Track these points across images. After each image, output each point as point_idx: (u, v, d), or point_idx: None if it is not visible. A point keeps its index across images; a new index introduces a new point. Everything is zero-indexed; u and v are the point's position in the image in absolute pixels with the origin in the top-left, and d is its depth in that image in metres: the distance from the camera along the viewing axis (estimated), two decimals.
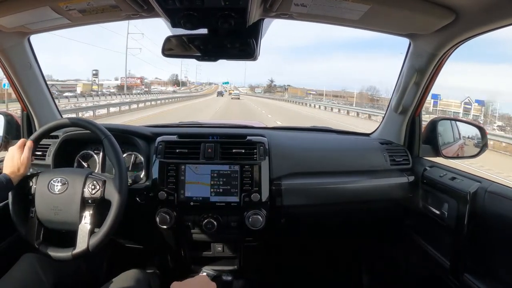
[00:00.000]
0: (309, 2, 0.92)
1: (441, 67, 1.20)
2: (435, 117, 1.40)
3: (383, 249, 1.61)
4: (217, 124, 1.74)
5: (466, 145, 1.38)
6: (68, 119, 1.08)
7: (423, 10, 0.92)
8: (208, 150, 1.22)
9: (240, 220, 1.18)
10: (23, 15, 0.99)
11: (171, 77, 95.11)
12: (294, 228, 1.39)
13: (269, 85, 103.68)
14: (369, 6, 0.91)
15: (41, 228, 1.00)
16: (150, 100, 23.48)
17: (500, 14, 0.84)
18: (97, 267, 1.41)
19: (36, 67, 1.31)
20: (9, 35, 1.12)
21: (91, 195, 0.98)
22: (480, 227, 0.98)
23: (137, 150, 1.28)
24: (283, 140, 1.35)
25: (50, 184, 0.99)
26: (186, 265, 1.34)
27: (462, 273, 1.01)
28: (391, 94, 1.41)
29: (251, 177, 1.19)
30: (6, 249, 1.11)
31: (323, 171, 1.30)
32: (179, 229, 1.23)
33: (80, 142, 1.30)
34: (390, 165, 1.32)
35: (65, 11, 0.98)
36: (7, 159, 1.00)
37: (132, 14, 1.02)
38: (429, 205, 1.22)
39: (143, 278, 1.08)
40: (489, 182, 1.01)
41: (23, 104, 1.35)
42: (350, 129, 1.90)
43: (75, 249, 0.96)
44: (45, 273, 0.98)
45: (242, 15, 0.88)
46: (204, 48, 1.05)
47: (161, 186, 1.18)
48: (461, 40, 1.05)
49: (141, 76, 46.59)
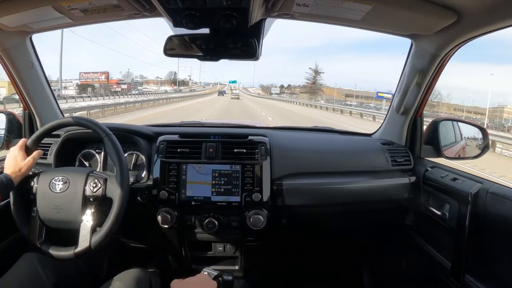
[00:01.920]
0: (311, 2, 0.92)
1: (443, 67, 1.20)
2: (436, 118, 1.39)
3: (384, 250, 1.61)
4: (219, 124, 1.74)
5: (468, 146, 1.38)
6: (69, 118, 1.08)
7: (425, 10, 0.92)
8: (209, 149, 1.22)
9: (241, 220, 1.18)
10: (25, 15, 0.99)
11: (168, 75, 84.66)
12: (295, 228, 1.39)
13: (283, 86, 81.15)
14: (371, 6, 0.91)
15: (43, 227, 1.00)
16: (115, 104, 17.47)
17: (502, 14, 0.84)
18: (97, 266, 1.41)
19: (38, 66, 1.31)
20: (11, 34, 1.13)
21: (93, 193, 0.99)
22: (481, 228, 0.98)
23: (138, 150, 1.28)
24: (284, 140, 1.35)
25: (51, 183, 0.99)
26: (187, 265, 1.34)
27: (463, 274, 1.01)
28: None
29: (252, 177, 1.19)
30: (7, 249, 1.12)
31: (324, 171, 1.30)
32: (180, 229, 1.23)
33: (82, 141, 1.30)
34: (392, 166, 1.32)
35: (67, 10, 0.98)
36: (9, 159, 0.99)
37: (134, 13, 1.02)
38: (430, 206, 1.22)
39: (144, 277, 1.08)
40: (491, 183, 1.01)
41: (25, 103, 1.35)
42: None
43: (77, 248, 0.96)
44: (45, 272, 0.98)
45: (244, 15, 0.88)
46: (206, 47, 1.05)
47: (163, 186, 1.18)
48: (463, 40, 1.04)
49: (106, 71, 35.20)
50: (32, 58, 1.28)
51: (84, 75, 33.53)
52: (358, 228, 1.53)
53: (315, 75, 64.65)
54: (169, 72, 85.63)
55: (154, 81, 79.35)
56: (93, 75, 33.66)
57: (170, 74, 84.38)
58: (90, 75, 33.55)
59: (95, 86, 36.23)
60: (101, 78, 35.19)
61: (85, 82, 32.90)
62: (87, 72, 33.97)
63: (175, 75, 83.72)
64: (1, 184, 0.92)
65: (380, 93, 37.68)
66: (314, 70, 65.35)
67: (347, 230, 1.54)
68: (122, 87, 45.45)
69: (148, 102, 22.51)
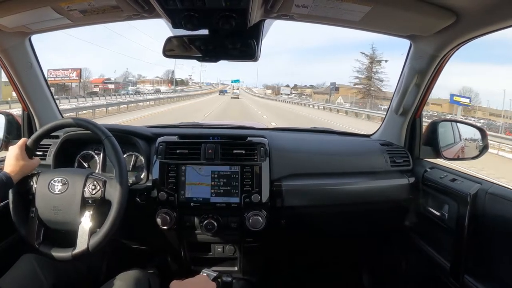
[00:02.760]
0: (310, 3, 0.92)
1: (442, 68, 1.20)
2: (435, 119, 1.40)
3: (383, 251, 1.61)
4: (218, 125, 1.74)
5: (467, 147, 1.38)
6: (70, 119, 1.08)
7: (424, 11, 0.92)
8: (208, 151, 1.22)
9: (240, 221, 1.18)
10: (24, 15, 0.99)
11: (165, 74, 78.33)
12: (295, 229, 1.39)
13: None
14: (370, 7, 0.91)
15: (41, 228, 1.00)
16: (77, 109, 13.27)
17: (501, 15, 0.84)
18: (96, 267, 1.41)
19: (37, 67, 1.31)
20: (10, 35, 1.13)
21: (92, 195, 0.99)
22: (480, 228, 0.98)
23: (137, 151, 1.28)
24: (283, 141, 1.35)
25: (50, 184, 0.99)
26: (186, 266, 1.34)
27: (462, 274, 1.01)
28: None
29: (251, 178, 1.19)
30: (6, 249, 1.11)
31: (323, 172, 1.30)
32: (179, 230, 1.23)
33: (81, 142, 1.30)
34: (391, 167, 1.32)
35: (66, 11, 0.98)
36: (9, 158, 1.00)
37: (133, 14, 1.02)
38: (429, 207, 1.22)
39: (143, 278, 1.07)
40: (490, 183, 1.01)
41: (24, 104, 1.35)
42: None
43: (75, 249, 0.96)
44: (44, 273, 0.98)
45: (243, 16, 0.89)
46: (205, 48, 1.05)
47: (162, 187, 1.18)
48: (462, 41, 1.05)
49: (78, 68, 26.37)
50: (31, 59, 1.28)
51: (52, 72, 25.49)
52: (358, 229, 1.53)
53: (372, 65, 37.23)
54: (166, 71, 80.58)
55: (150, 80, 76.22)
56: (62, 73, 25.94)
57: (168, 72, 79.45)
58: (59, 73, 25.90)
59: (69, 86, 30.20)
60: (72, 76, 26.52)
61: (53, 82, 25.49)
62: (56, 69, 26.30)
63: (172, 74, 78.83)
64: (0, 182, 0.92)
65: (457, 96, 24.23)
66: (370, 57, 37.18)
67: (347, 230, 1.54)
68: (110, 86, 42.86)
69: (138, 104, 19.78)
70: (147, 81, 75.10)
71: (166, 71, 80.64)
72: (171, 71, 79.57)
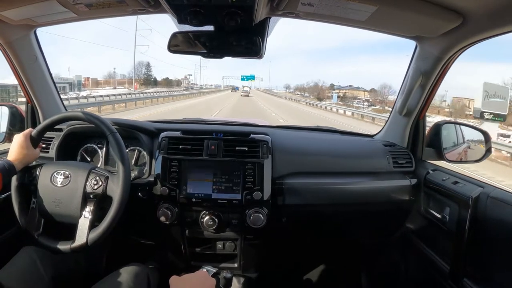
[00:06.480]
0: (316, 2, 0.92)
1: (447, 70, 1.20)
2: (439, 121, 1.39)
3: (383, 251, 1.61)
4: (221, 122, 1.74)
5: (470, 150, 1.37)
6: (78, 112, 1.08)
7: (430, 13, 0.91)
8: (211, 147, 1.22)
9: (241, 218, 1.19)
10: (30, 8, 1.00)
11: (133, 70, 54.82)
12: (295, 227, 1.39)
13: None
14: (376, 7, 0.91)
15: (42, 219, 1.01)
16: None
17: (508, 18, 0.83)
18: (96, 261, 1.42)
19: (41, 60, 1.32)
20: (16, 27, 1.13)
21: (93, 190, 0.99)
22: (481, 232, 0.98)
23: (140, 145, 1.28)
24: (286, 139, 1.35)
25: (53, 176, 0.99)
26: (186, 261, 1.35)
27: (461, 278, 1.01)
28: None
29: (253, 175, 1.19)
30: (6, 242, 1.12)
31: (325, 171, 1.30)
32: (180, 225, 1.23)
33: (84, 136, 1.30)
34: (393, 168, 1.32)
35: (72, 5, 0.98)
36: (13, 146, 1.00)
37: (139, 9, 1.02)
38: (430, 209, 1.22)
39: (143, 273, 1.08)
40: (492, 187, 1.01)
41: (28, 97, 1.36)
42: None
43: (74, 243, 0.97)
44: (44, 266, 0.98)
45: (248, 13, 0.88)
46: (210, 45, 1.05)
47: (164, 182, 1.19)
48: (468, 44, 1.04)
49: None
50: (36, 52, 1.28)
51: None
52: (358, 229, 1.53)
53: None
54: (138, 63, 62.89)
55: (104, 81, 55.52)
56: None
57: (139, 67, 63.36)
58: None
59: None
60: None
61: None
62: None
63: (147, 68, 61.51)
64: (3, 169, 0.93)
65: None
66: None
67: (347, 230, 1.54)
68: None
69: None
70: (101, 81, 57.05)
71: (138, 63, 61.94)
72: (143, 64, 62.22)
